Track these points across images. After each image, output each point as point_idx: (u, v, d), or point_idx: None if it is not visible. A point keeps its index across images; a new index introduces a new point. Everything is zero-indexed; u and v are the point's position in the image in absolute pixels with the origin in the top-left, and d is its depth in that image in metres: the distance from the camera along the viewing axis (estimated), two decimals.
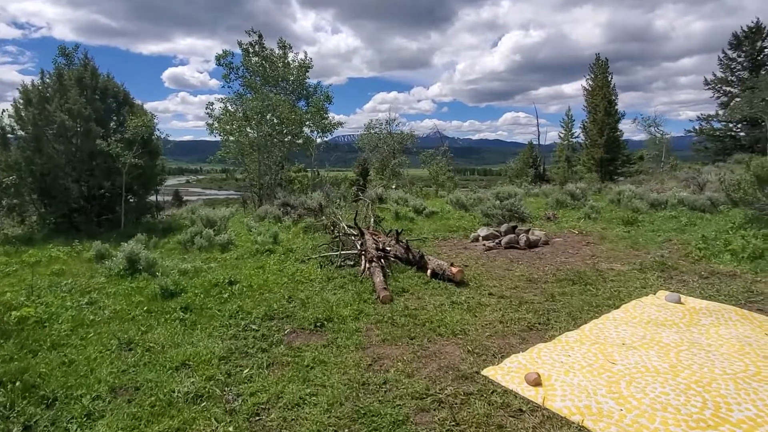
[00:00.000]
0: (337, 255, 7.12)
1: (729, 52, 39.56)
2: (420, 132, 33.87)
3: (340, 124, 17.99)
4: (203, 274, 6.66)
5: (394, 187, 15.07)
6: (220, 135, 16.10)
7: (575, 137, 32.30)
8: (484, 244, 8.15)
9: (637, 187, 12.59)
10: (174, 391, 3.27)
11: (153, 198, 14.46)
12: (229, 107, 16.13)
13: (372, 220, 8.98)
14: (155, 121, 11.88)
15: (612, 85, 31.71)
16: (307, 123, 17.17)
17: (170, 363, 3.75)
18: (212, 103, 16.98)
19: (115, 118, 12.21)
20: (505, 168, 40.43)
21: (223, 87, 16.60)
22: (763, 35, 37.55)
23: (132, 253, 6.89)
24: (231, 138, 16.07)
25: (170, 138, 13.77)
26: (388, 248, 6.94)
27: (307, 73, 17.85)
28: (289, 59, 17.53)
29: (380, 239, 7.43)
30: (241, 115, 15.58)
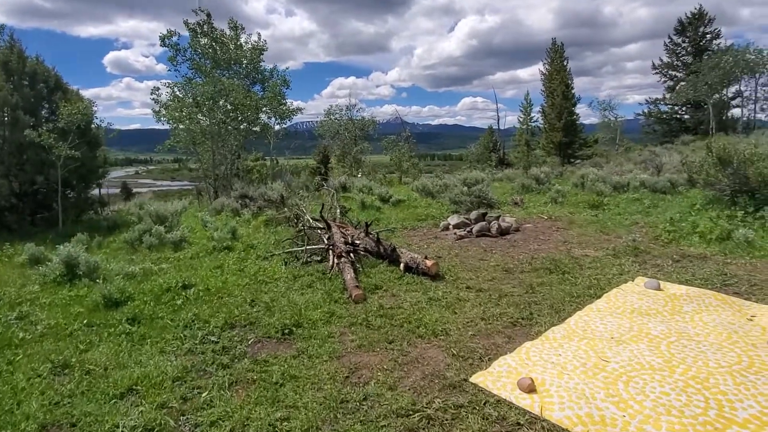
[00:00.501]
0: (302, 250, 6.65)
1: (674, 38, 41.29)
2: (380, 118, 33.41)
3: (299, 110, 17.25)
4: (153, 278, 6.04)
5: (359, 175, 14.59)
6: (168, 123, 14.93)
7: (534, 121, 32.85)
8: (455, 233, 7.91)
9: (599, 170, 12.78)
10: (118, 427, 2.77)
11: (97, 192, 13.32)
12: (178, 92, 14.99)
13: (338, 211, 8.54)
14: (93, 108, 10.79)
15: (568, 70, 32.37)
16: (264, 109, 16.30)
17: (114, 389, 3.22)
18: (158, 88, 15.68)
19: (46, 105, 11.02)
20: (467, 153, 40.71)
21: (170, 71, 15.39)
22: (705, 21, 39.40)
23: (70, 256, 6.14)
24: (181, 126, 14.94)
25: (114, 126, 12.64)
26: (358, 241, 6.55)
27: (261, 56, 16.90)
28: (242, 41, 16.48)
29: (348, 232, 7.02)
30: (191, 101, 14.50)
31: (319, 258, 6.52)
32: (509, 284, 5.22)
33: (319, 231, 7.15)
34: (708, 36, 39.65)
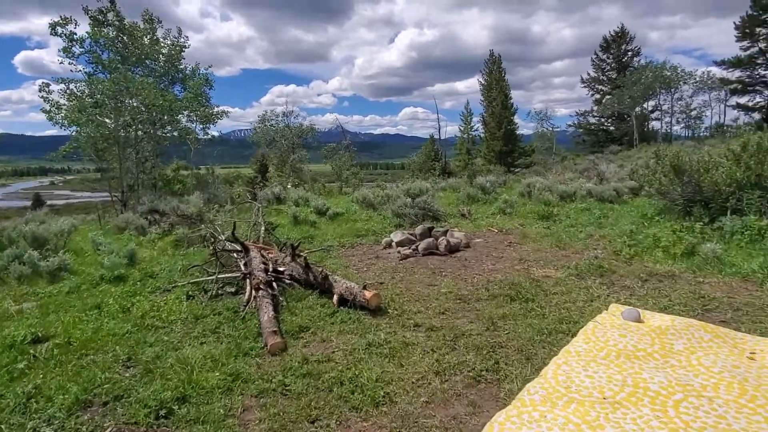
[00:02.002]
0: (212, 280, 5.35)
1: (600, 54, 43.86)
2: (321, 126, 32.27)
3: (224, 113, 15.58)
4: (4, 325, 4.49)
5: (288, 185, 13.22)
6: (63, 126, 12.68)
7: (474, 130, 33.13)
8: (398, 251, 6.94)
9: (545, 179, 12.48)
10: None
11: None
12: (75, 90, 12.82)
13: (262, 228, 7.26)
14: None
15: (506, 80, 33.04)
16: (185, 112, 14.55)
17: None
18: (48, 84, 13.16)
19: None
20: (409, 162, 40.47)
21: (62, 63, 13.08)
22: (627, 39, 42.15)
23: None
24: (79, 128, 12.73)
25: (9, 133, 10.42)
26: (282, 268, 5.37)
27: (182, 54, 15.15)
28: (159, 36, 14.68)
29: (272, 255, 5.82)
30: (91, 100, 12.42)
31: (233, 289, 5.26)
32: (465, 318, 4.29)
33: (235, 255, 5.87)
34: (629, 53, 42.47)
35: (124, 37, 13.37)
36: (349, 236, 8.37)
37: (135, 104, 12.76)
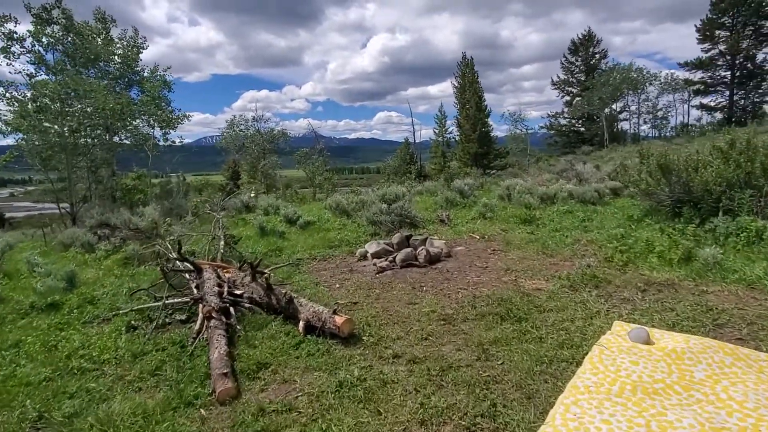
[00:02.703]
0: (159, 307, 4.63)
1: (569, 57, 44.52)
2: (296, 132, 31.39)
3: (185, 117, 14.64)
4: None
5: (252, 194, 12.35)
6: (4, 133, 11.48)
7: (449, 133, 32.92)
8: (374, 264, 6.34)
9: (524, 181, 12.13)
10: None
11: None
12: (16, 94, 11.66)
13: (222, 243, 6.53)
14: None
15: (479, 82, 32.99)
16: (144, 116, 13.57)
17: None
18: None
19: None
20: (384, 165, 40.02)
21: (9, 65, 11.89)
22: (594, 42, 42.92)
23: None
24: (21, 135, 11.59)
25: None
26: (240, 290, 4.69)
27: (139, 55, 14.16)
28: (115, 36, 13.67)
29: (230, 275, 5.12)
30: (34, 104, 11.30)
31: (183, 316, 4.55)
32: (452, 344, 3.72)
33: (187, 276, 5.15)
34: (597, 55, 43.23)
35: (73, 37, 12.30)
36: (320, 247, 7.73)
37: (84, 108, 11.70)
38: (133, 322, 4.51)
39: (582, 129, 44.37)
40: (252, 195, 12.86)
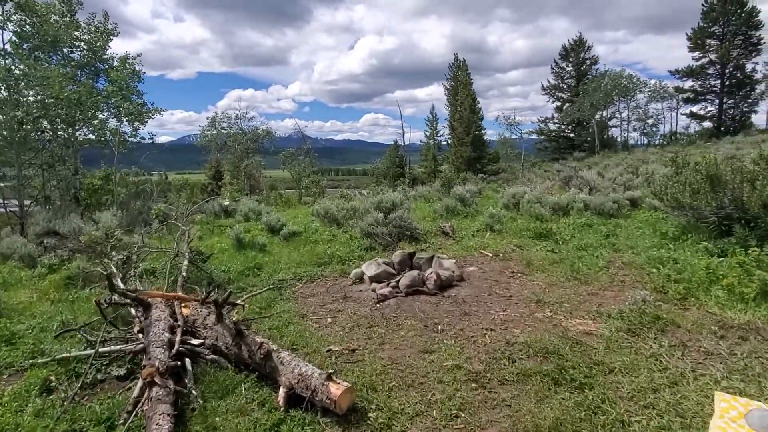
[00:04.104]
0: (90, 357, 3.44)
1: (559, 62, 44.12)
2: (282, 132, 30.00)
3: (156, 111, 13.25)
4: None
5: (226, 202, 11.06)
6: None
7: (440, 135, 31.97)
8: (373, 290, 5.24)
9: (529, 188, 11.17)
10: None
11: None
12: None
13: (185, 262, 5.32)
14: None
15: (473, 83, 32.15)
16: (111, 109, 12.19)
17: None
18: None
19: None
20: (372, 168, 38.96)
21: None
22: (585, 48, 42.61)
23: None
24: None
25: None
26: (197, 339, 3.53)
27: (109, 43, 12.80)
28: (82, 21, 12.29)
29: (190, 311, 3.95)
30: None
31: (122, 371, 3.38)
32: (495, 427, 2.65)
33: (134, 312, 3.96)
34: (588, 61, 42.91)
35: (29, 17, 10.89)
36: (307, 264, 6.59)
37: (35, 96, 10.29)
38: (52, 378, 3.32)
39: (572, 135, 43.97)
40: (226, 202, 11.55)
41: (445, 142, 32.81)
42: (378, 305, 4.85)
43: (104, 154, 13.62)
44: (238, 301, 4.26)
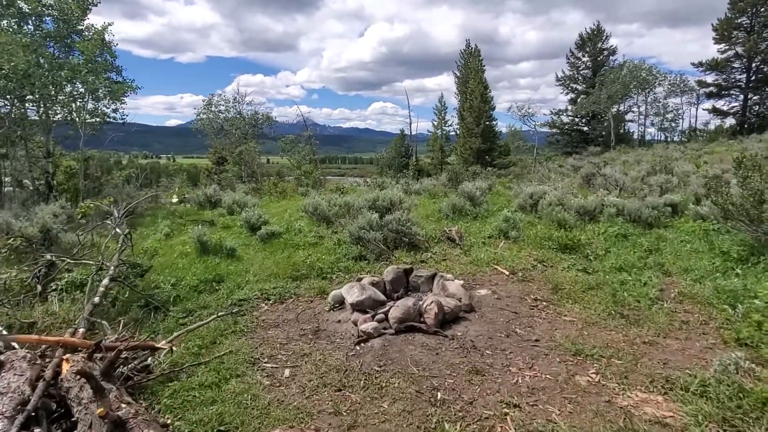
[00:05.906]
0: None
1: (575, 52, 42.22)
2: (288, 118, 28.63)
3: (131, 88, 11.95)
4: None
5: (174, 200, 9.85)
6: None
7: (448, 125, 30.45)
8: (355, 322, 4.00)
9: (552, 188, 9.81)
10: None
11: None
12: None
13: (105, 280, 4.07)
14: None
15: (485, 70, 30.50)
16: (77, 83, 10.90)
17: None
18: None
19: None
20: (377, 156, 37.60)
21: None
22: (603, 37, 40.66)
23: None
24: None
25: None
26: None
27: (87, 13, 11.49)
28: None
29: (69, 367, 2.70)
30: None
31: None
32: None
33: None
34: (605, 52, 41.00)
35: None
36: (281, 276, 5.37)
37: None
38: None
39: (585, 128, 42.23)
40: (174, 200, 10.25)
41: (453, 133, 31.32)
42: (358, 347, 3.62)
43: (69, 135, 12.36)
44: (162, 343, 3.05)
